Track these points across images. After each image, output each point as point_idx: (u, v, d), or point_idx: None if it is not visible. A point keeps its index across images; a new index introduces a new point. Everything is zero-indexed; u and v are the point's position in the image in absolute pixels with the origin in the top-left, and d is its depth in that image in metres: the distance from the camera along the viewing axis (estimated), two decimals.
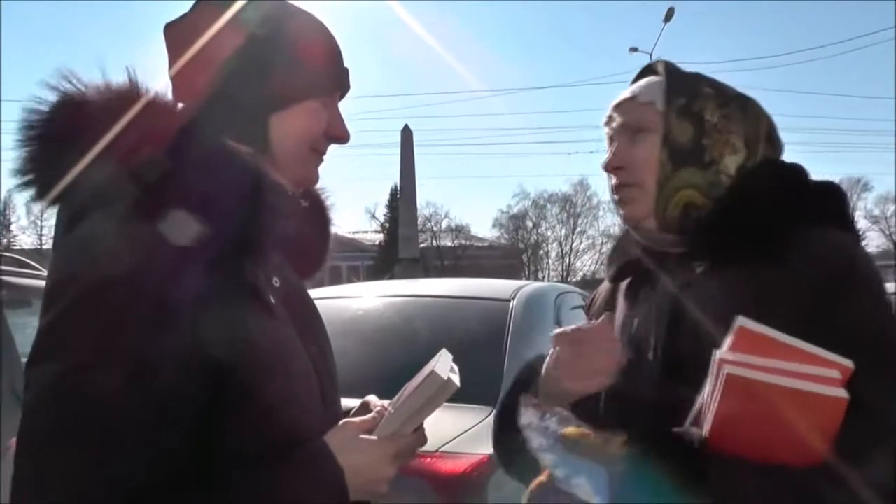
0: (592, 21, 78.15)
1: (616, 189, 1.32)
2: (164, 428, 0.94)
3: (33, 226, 47.09)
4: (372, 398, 1.25)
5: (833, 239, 1.16)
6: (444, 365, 1.14)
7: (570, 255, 51.45)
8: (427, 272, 27.14)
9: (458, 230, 49.60)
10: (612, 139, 1.34)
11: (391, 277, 14.35)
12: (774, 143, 1.32)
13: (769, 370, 0.95)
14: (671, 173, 1.26)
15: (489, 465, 2.23)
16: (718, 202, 1.24)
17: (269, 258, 1.11)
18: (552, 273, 50.91)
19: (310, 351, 1.14)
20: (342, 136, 1.22)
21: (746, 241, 1.19)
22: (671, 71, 1.33)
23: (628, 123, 1.31)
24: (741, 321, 1.00)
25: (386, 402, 1.20)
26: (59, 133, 1.01)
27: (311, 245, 1.32)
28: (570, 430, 1.05)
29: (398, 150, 23.21)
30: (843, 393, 0.94)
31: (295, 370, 1.09)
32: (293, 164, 1.17)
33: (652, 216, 1.29)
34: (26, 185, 1.02)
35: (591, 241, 51.33)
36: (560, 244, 51.97)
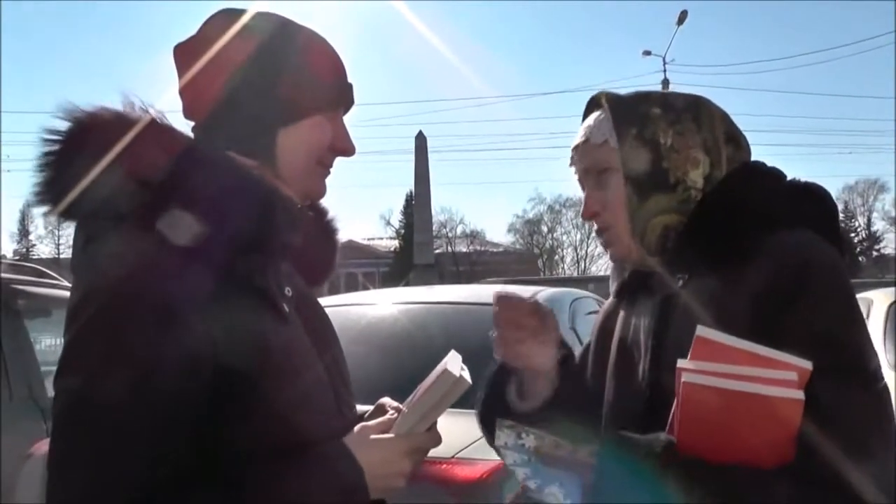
0: (605, 25, 78.14)
1: (598, 234, 1.35)
2: (178, 434, 0.98)
3: (51, 235, 47.61)
4: (387, 400, 1.28)
5: (788, 242, 1.15)
6: (454, 364, 1.17)
7: (585, 260, 51.44)
8: (442, 278, 27.19)
9: (473, 236, 49.67)
10: (581, 184, 1.36)
11: (407, 284, 14.40)
12: (737, 139, 1.32)
13: (725, 375, 0.98)
14: (639, 206, 1.27)
15: (505, 471, 2.23)
16: (689, 217, 1.25)
17: (279, 268, 1.13)
18: None
19: (323, 358, 1.17)
20: (347, 150, 1.25)
21: (713, 252, 1.20)
22: (614, 103, 1.33)
23: (590, 168, 1.32)
24: (700, 330, 1.03)
25: (400, 404, 1.22)
26: (74, 154, 1.04)
27: (319, 255, 1.36)
28: (543, 444, 1.09)
29: (412, 157, 23.30)
30: (798, 394, 0.97)
31: (308, 376, 1.12)
32: (300, 177, 1.19)
33: (634, 249, 1.30)
34: (42, 202, 1.06)
35: None
36: (575, 249, 51.98)
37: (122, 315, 0.96)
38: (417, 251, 22.37)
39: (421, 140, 23.04)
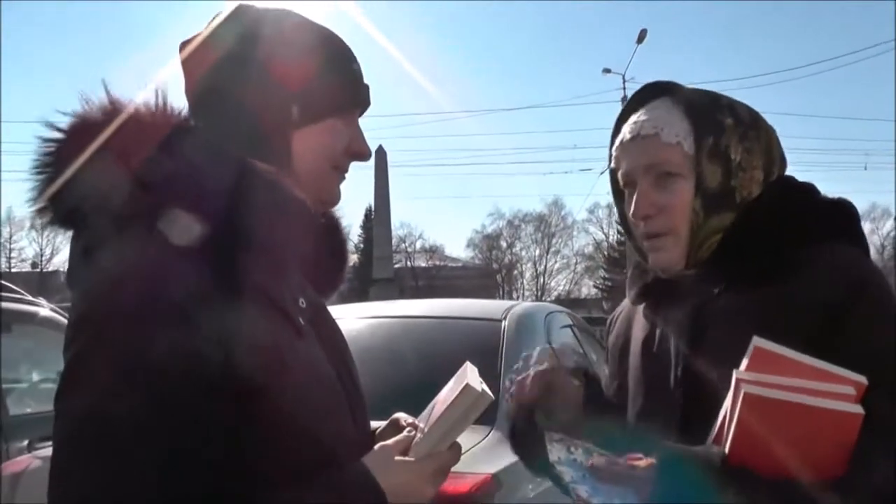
0: (565, 43, 78.91)
1: (646, 237, 1.29)
2: (193, 452, 0.93)
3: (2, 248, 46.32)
4: (401, 415, 1.24)
5: (840, 256, 1.17)
6: (474, 378, 1.13)
7: (544, 275, 51.64)
8: (402, 293, 27.09)
9: (433, 251, 49.68)
10: (629, 176, 1.29)
11: (367, 299, 14.31)
12: (783, 160, 1.32)
13: (786, 388, 0.98)
14: (704, 221, 1.23)
15: (492, 484, 2.25)
16: (728, 230, 1.24)
17: (294, 278, 1.11)
18: (527, 293, 51.00)
19: (338, 371, 1.14)
20: (364, 153, 1.20)
21: (754, 264, 1.20)
22: (689, 104, 1.26)
23: (654, 165, 1.25)
24: (757, 341, 1.03)
25: (415, 419, 1.20)
26: (73, 158, 1.00)
27: (328, 264, 1.31)
28: (597, 459, 1.08)
29: (372, 171, 23.26)
30: (857, 409, 0.97)
31: (325, 390, 1.08)
32: (315, 182, 1.15)
33: (683, 262, 1.26)
34: (42, 211, 1.02)
35: (565, 260, 51.47)
36: (534, 264, 52.16)
37: (131, 331, 0.91)
38: (377, 266, 22.31)
39: (381, 154, 23.00)
